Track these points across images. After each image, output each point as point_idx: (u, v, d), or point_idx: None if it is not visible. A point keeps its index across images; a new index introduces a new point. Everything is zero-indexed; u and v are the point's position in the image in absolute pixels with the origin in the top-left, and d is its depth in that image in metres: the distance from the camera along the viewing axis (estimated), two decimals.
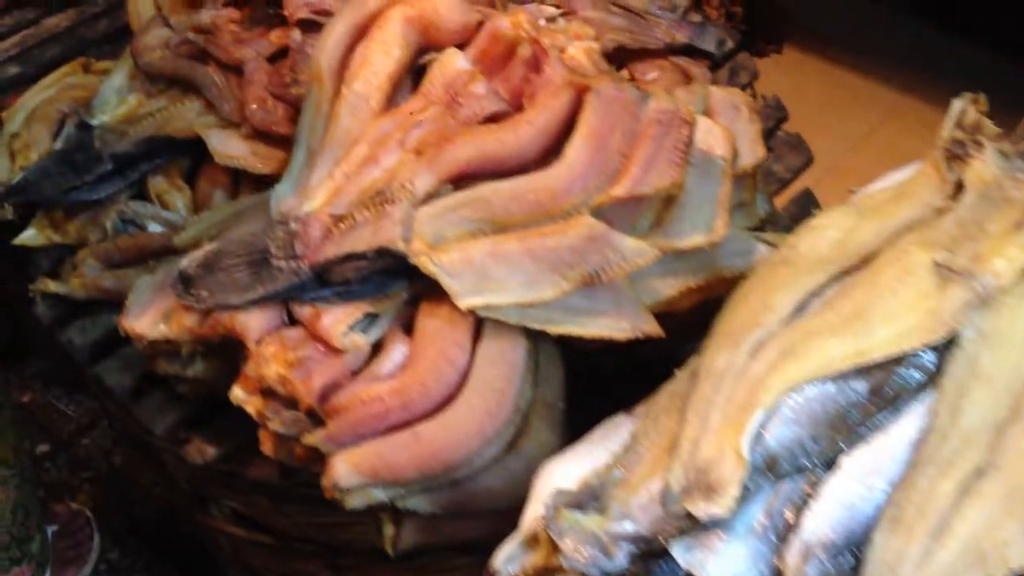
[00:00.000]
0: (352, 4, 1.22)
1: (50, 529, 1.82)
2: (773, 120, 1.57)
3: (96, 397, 1.50)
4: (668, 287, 1.14)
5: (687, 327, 1.19)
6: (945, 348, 0.90)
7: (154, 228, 1.41)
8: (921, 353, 0.89)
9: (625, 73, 1.61)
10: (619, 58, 1.60)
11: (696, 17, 1.72)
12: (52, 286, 1.33)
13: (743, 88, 1.63)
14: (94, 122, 1.48)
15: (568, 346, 1.13)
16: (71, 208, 1.44)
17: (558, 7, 1.61)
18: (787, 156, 1.51)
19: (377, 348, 1.11)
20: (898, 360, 0.89)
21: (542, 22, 1.56)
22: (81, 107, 1.54)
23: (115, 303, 1.34)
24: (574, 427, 1.11)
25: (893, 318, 0.90)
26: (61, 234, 1.43)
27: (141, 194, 1.48)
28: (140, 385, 1.29)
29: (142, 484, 1.95)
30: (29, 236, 1.43)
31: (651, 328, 1.08)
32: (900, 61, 2.91)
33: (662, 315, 1.14)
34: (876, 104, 2.84)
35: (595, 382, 1.18)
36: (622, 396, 1.20)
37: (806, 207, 1.45)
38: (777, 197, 1.44)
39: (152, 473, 1.52)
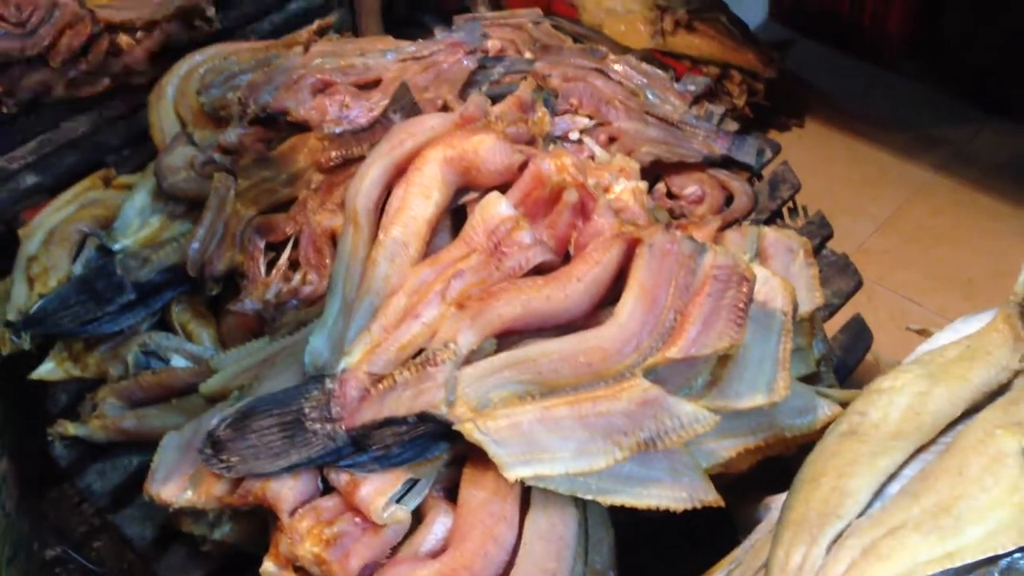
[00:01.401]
0: (389, 143, 1.17)
1: None
2: (818, 238, 1.51)
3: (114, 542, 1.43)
4: (725, 448, 1.07)
5: (742, 483, 1.13)
6: None
7: (177, 361, 1.35)
8: (1016, 555, 0.83)
9: (662, 186, 1.56)
10: (655, 171, 1.56)
11: (733, 126, 1.68)
12: (71, 429, 1.27)
13: (784, 202, 1.57)
14: (116, 246, 1.43)
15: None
16: (91, 339, 1.39)
17: (591, 118, 1.57)
18: (835, 279, 1.44)
19: (416, 513, 1.04)
20: (990, 561, 0.83)
21: (575, 135, 1.53)
22: (102, 228, 1.49)
23: (136, 444, 1.29)
24: None
25: (983, 515, 0.84)
26: (80, 367, 1.37)
27: (163, 322, 1.42)
28: (162, 536, 1.22)
29: None
30: (47, 370, 1.37)
31: (711, 498, 1.01)
32: (929, 138, 2.86)
33: (717, 475, 1.08)
34: (904, 182, 2.78)
35: (643, 535, 1.11)
36: (670, 548, 1.15)
37: (858, 336, 1.38)
38: (825, 323, 1.37)
39: None
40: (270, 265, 1.36)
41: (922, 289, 2.47)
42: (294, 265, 1.37)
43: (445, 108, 1.40)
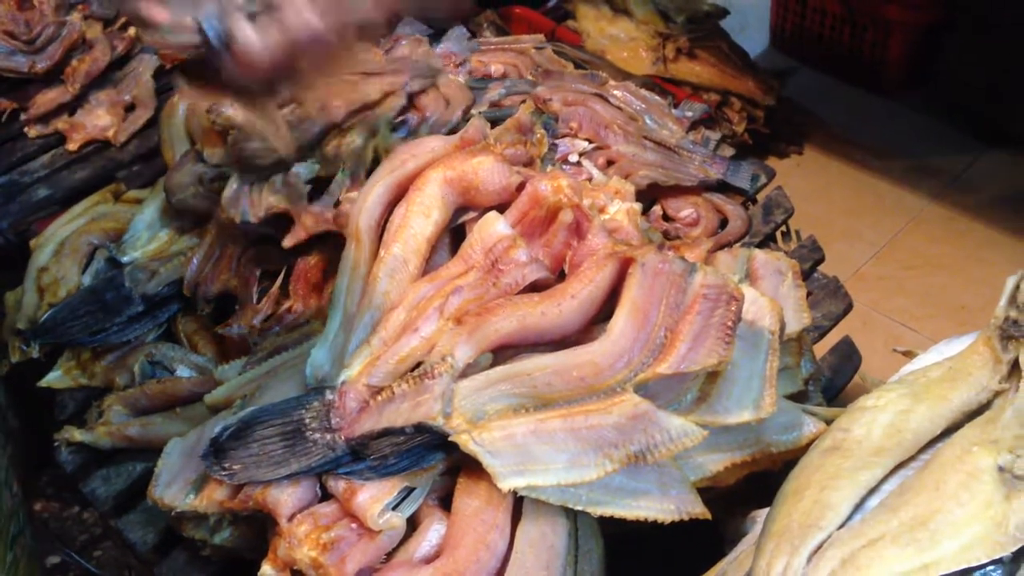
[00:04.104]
0: (391, 163, 1.21)
1: None
2: (809, 262, 1.54)
3: (117, 546, 1.46)
4: (713, 463, 1.10)
5: (729, 497, 1.16)
6: (1013, 561, 0.86)
7: (182, 371, 1.38)
8: (990, 568, 0.85)
9: (658, 208, 1.60)
10: (652, 194, 1.60)
11: (729, 151, 1.72)
12: (77, 435, 1.30)
13: (778, 226, 1.61)
14: (125, 259, 1.47)
15: None
16: (98, 348, 1.42)
17: (591, 141, 1.61)
18: (825, 302, 1.48)
19: (411, 521, 1.07)
20: (964, 573, 0.85)
21: (574, 157, 1.57)
22: (111, 240, 1.53)
23: (140, 451, 1.32)
24: None
25: (958, 529, 0.87)
26: (88, 376, 1.41)
27: (169, 333, 1.46)
28: (164, 541, 1.25)
29: None
30: (55, 378, 1.41)
31: (698, 510, 1.04)
32: (926, 167, 2.90)
33: (705, 488, 1.11)
34: (900, 210, 2.81)
35: (632, 544, 1.14)
36: (658, 559, 1.18)
37: (847, 358, 1.41)
38: (815, 345, 1.41)
39: None
40: (263, 292, 1.41)
41: (917, 315, 2.50)
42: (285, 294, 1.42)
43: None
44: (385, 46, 1.61)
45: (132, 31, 1.94)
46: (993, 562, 0.85)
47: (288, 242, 1.33)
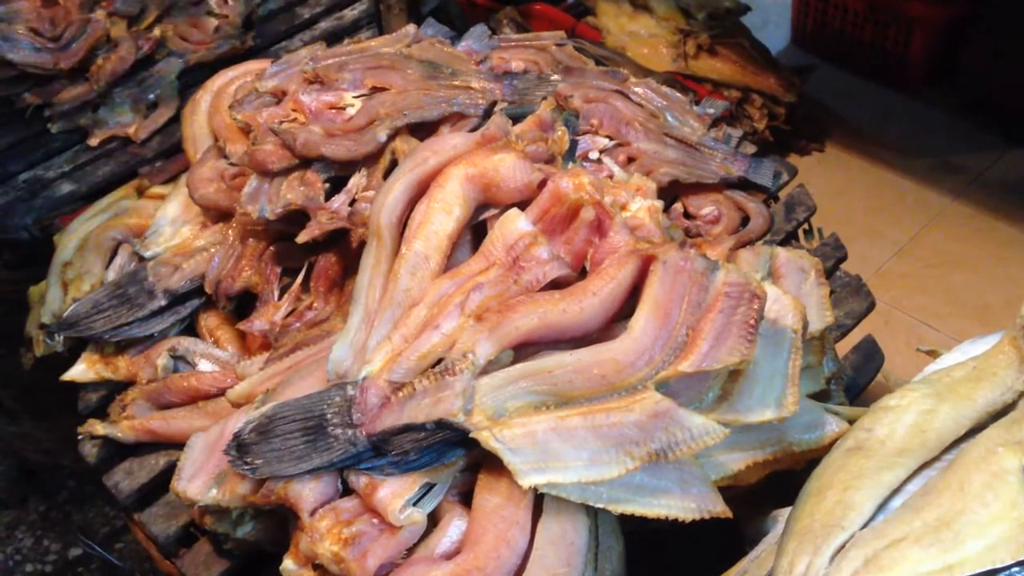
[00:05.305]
0: (412, 160, 1.22)
1: None
2: (832, 260, 1.53)
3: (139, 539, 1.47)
4: (734, 461, 1.10)
5: (750, 496, 1.16)
6: None
7: (204, 365, 1.39)
8: (1015, 569, 0.85)
9: (679, 206, 1.59)
10: (673, 191, 1.59)
11: (750, 148, 1.71)
12: (100, 429, 1.32)
13: (800, 224, 1.60)
14: (147, 254, 1.48)
15: None
16: (122, 342, 1.43)
17: (611, 138, 1.61)
18: (848, 301, 1.47)
19: (432, 516, 1.08)
20: (989, 575, 0.85)
21: (594, 154, 1.57)
22: (134, 236, 1.54)
23: (162, 445, 1.33)
24: None
25: (982, 530, 0.86)
26: (111, 370, 1.42)
27: (192, 327, 1.47)
28: (186, 534, 1.26)
29: None
30: (79, 372, 1.42)
31: (719, 509, 1.04)
32: (948, 165, 2.88)
33: (726, 487, 1.10)
34: (922, 208, 2.79)
35: (652, 542, 1.14)
36: (678, 558, 1.18)
37: (870, 356, 1.40)
38: (838, 343, 1.40)
39: None
40: (284, 289, 1.42)
41: (939, 314, 2.49)
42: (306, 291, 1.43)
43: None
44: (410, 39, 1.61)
45: (157, 31, 1.95)
46: (1018, 563, 0.84)
47: (302, 237, 1.34)
